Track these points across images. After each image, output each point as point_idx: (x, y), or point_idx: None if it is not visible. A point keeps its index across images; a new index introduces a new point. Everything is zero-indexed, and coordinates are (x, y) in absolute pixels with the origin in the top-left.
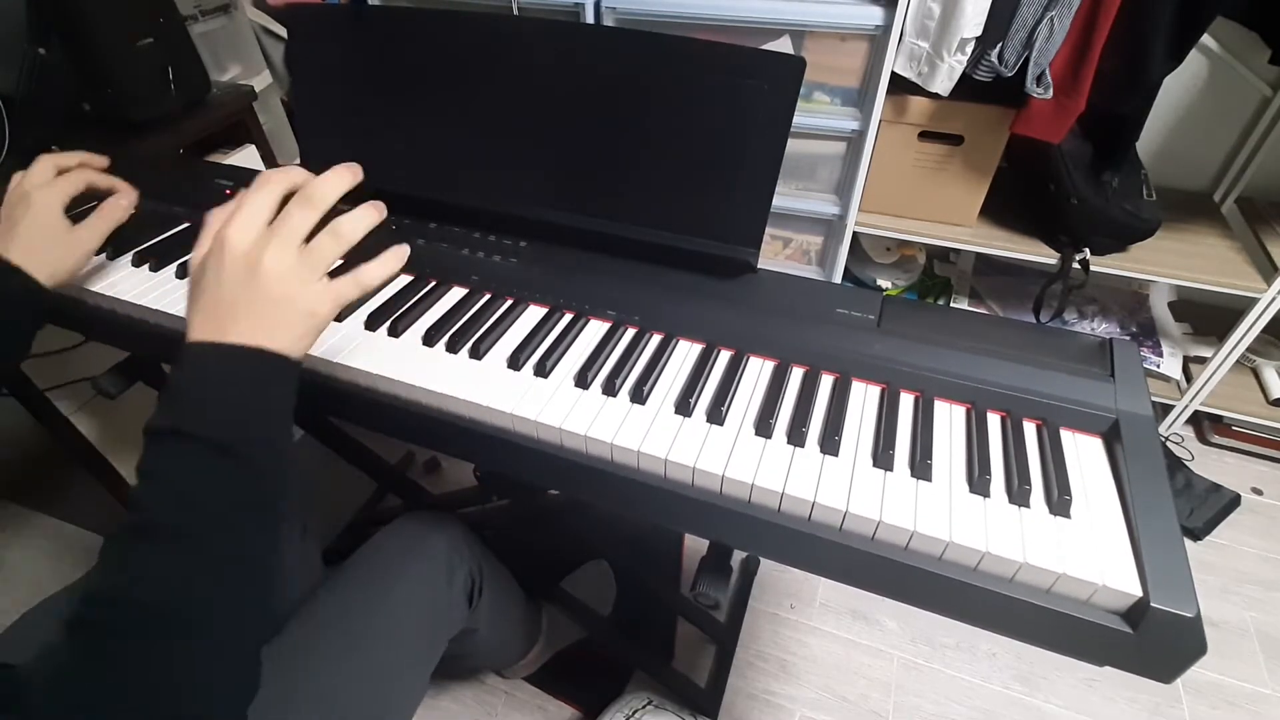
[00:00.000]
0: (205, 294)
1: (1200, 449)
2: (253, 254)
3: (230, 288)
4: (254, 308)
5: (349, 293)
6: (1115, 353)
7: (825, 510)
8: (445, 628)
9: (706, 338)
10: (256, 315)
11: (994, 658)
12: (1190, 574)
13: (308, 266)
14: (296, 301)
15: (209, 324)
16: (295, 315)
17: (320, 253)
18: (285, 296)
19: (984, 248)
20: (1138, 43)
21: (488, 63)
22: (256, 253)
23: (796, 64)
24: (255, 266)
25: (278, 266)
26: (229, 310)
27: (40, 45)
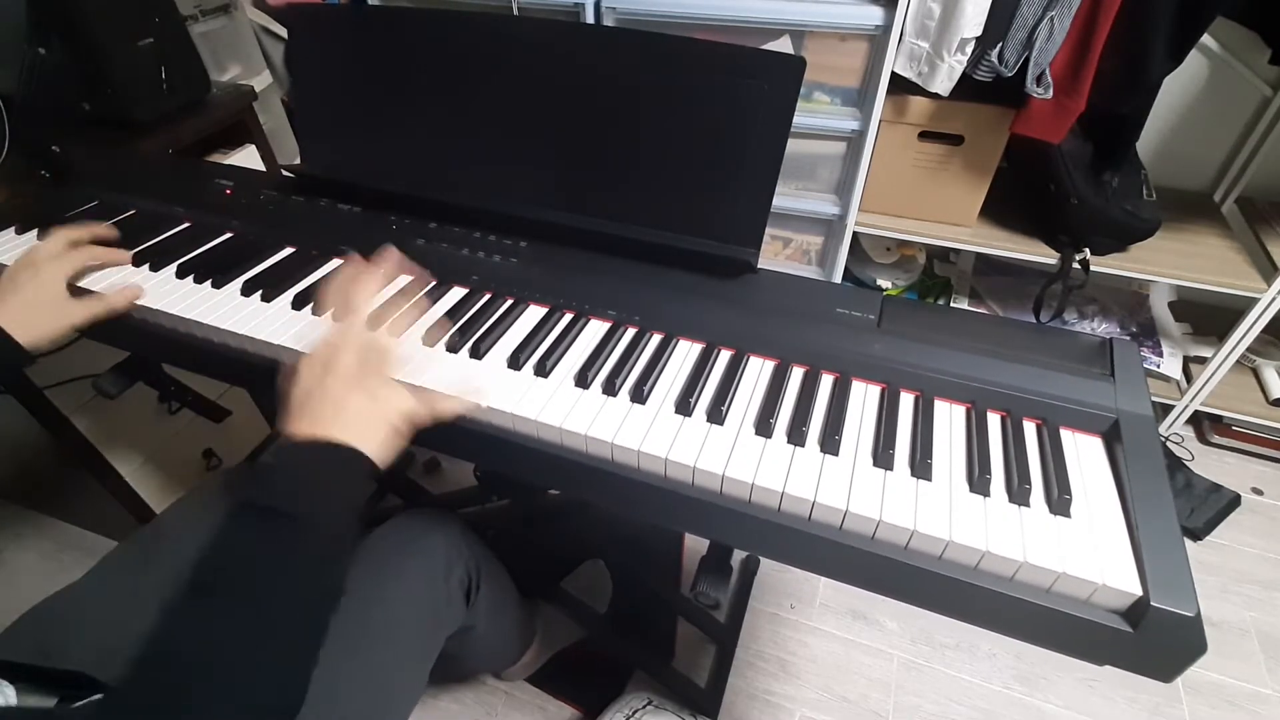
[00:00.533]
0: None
1: (1200, 449)
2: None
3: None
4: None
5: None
6: (1115, 353)
7: (825, 510)
8: (442, 625)
9: (707, 337)
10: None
11: (994, 658)
12: (1190, 573)
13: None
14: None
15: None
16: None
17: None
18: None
19: (984, 248)
20: (1138, 43)
21: (488, 63)
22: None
23: (796, 64)
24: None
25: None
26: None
27: (40, 45)
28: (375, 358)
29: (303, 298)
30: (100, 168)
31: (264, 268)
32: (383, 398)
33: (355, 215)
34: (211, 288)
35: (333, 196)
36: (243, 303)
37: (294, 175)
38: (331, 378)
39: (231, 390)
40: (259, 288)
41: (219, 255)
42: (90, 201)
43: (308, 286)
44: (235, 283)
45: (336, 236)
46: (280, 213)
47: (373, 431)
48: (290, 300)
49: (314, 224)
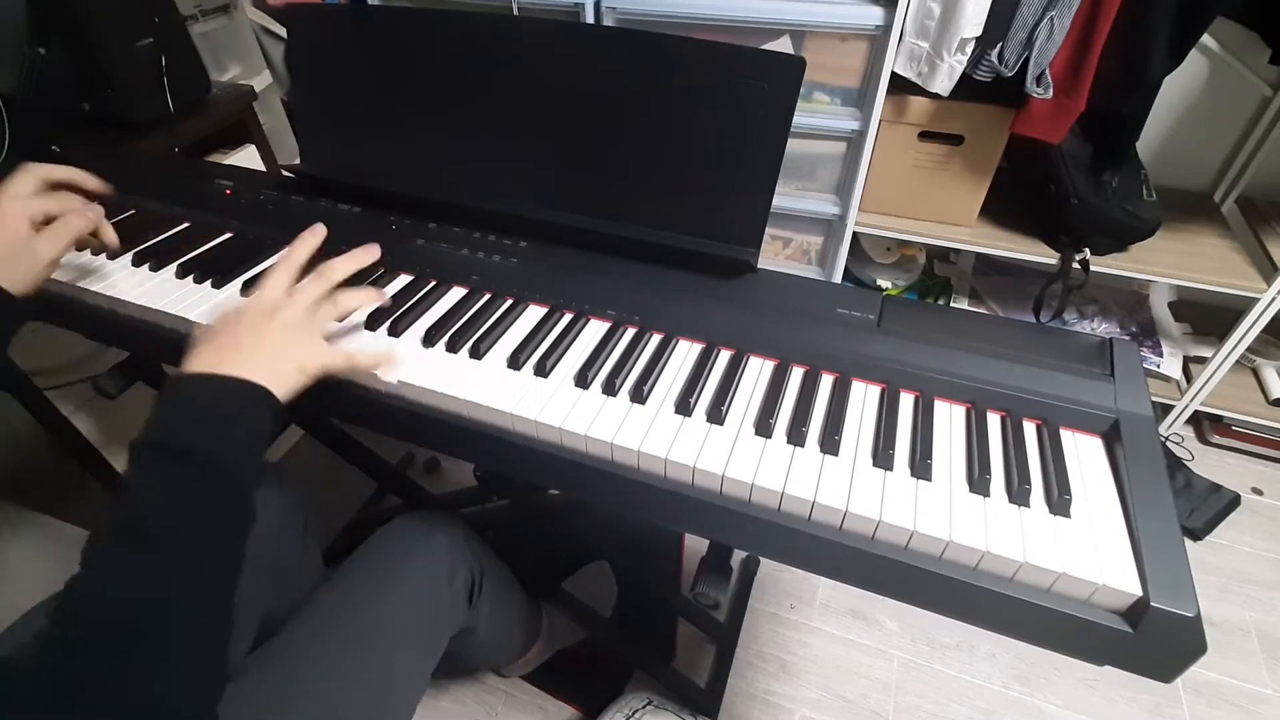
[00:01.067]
0: (215, 337)
1: (1200, 449)
2: (269, 310)
3: (242, 332)
4: (254, 350)
5: (336, 362)
6: (1115, 353)
7: (825, 510)
8: (445, 626)
9: (706, 337)
10: (254, 357)
11: (994, 658)
12: (1190, 573)
13: (309, 324)
14: (291, 352)
15: (208, 359)
16: (287, 363)
17: (319, 315)
18: (283, 345)
19: (984, 248)
20: (1138, 43)
21: (488, 63)
22: (273, 309)
23: (796, 64)
24: (270, 319)
25: (285, 320)
26: (232, 349)
27: (40, 45)
28: (326, 309)
29: None
30: (100, 168)
31: (264, 268)
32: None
33: (355, 215)
34: (211, 288)
35: (333, 196)
36: None
37: (294, 175)
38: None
39: None
40: None
41: (219, 255)
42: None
43: None
44: (235, 283)
45: (336, 237)
46: (280, 213)
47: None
48: None
49: (314, 224)
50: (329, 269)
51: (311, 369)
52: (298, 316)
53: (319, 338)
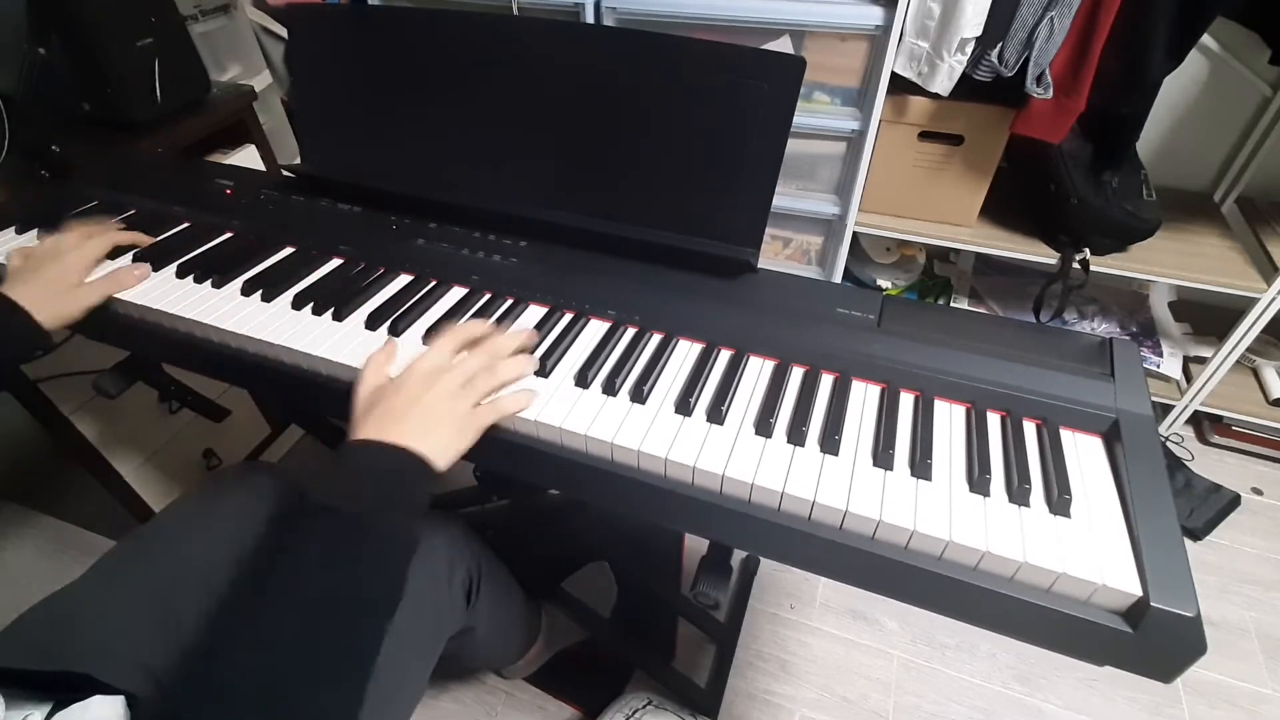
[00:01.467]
0: (378, 406)
1: (1200, 449)
2: (432, 376)
3: (405, 400)
4: (418, 418)
5: (488, 419)
6: (1115, 352)
7: (825, 510)
8: (443, 626)
9: (706, 337)
10: (417, 424)
11: (994, 658)
12: (1190, 574)
13: (466, 393)
14: (449, 420)
15: (374, 428)
16: (447, 432)
17: (479, 385)
18: (445, 414)
19: (984, 248)
20: (1138, 43)
21: (488, 63)
22: (434, 377)
23: (796, 64)
24: (429, 387)
25: (447, 390)
26: (397, 417)
27: (40, 45)
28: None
29: (302, 298)
30: (100, 168)
31: (264, 268)
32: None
33: (355, 215)
34: (211, 288)
35: (333, 196)
36: (243, 303)
37: (294, 175)
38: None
39: (231, 390)
40: (259, 287)
41: (219, 255)
42: (90, 201)
43: (307, 286)
44: (235, 283)
45: (336, 236)
46: (280, 213)
47: (438, 435)
48: (290, 300)
49: (314, 224)
50: (494, 345)
51: (469, 432)
52: (455, 385)
53: (474, 404)
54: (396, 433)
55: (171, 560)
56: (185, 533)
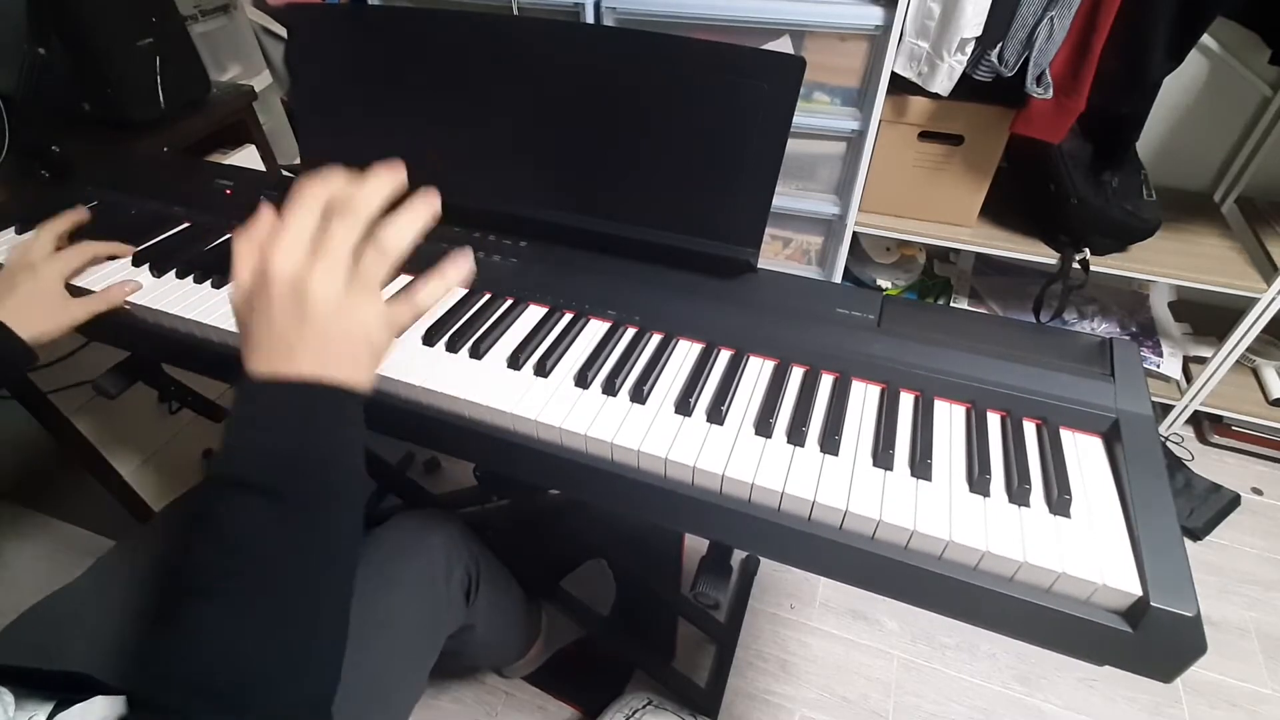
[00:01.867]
0: (256, 329)
1: (1200, 449)
2: (299, 282)
3: (280, 321)
4: (309, 341)
5: (405, 317)
6: (1115, 352)
7: (825, 510)
8: (442, 625)
9: (706, 337)
10: (312, 348)
11: (994, 658)
12: (1190, 573)
13: (359, 289)
14: (352, 330)
15: (264, 358)
16: (352, 345)
17: (369, 272)
18: (339, 326)
19: (984, 248)
20: (1138, 43)
21: (488, 63)
22: (303, 280)
23: (796, 64)
24: (304, 296)
25: (327, 293)
26: (283, 344)
27: (40, 45)
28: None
29: None
30: (100, 168)
31: None
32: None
33: None
34: (211, 288)
35: None
36: None
37: (294, 175)
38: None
39: (232, 390)
40: None
41: (219, 255)
42: (90, 202)
43: None
44: None
45: None
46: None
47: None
48: None
49: None
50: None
51: (382, 341)
52: (338, 282)
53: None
54: (292, 362)
55: (171, 560)
56: (185, 533)
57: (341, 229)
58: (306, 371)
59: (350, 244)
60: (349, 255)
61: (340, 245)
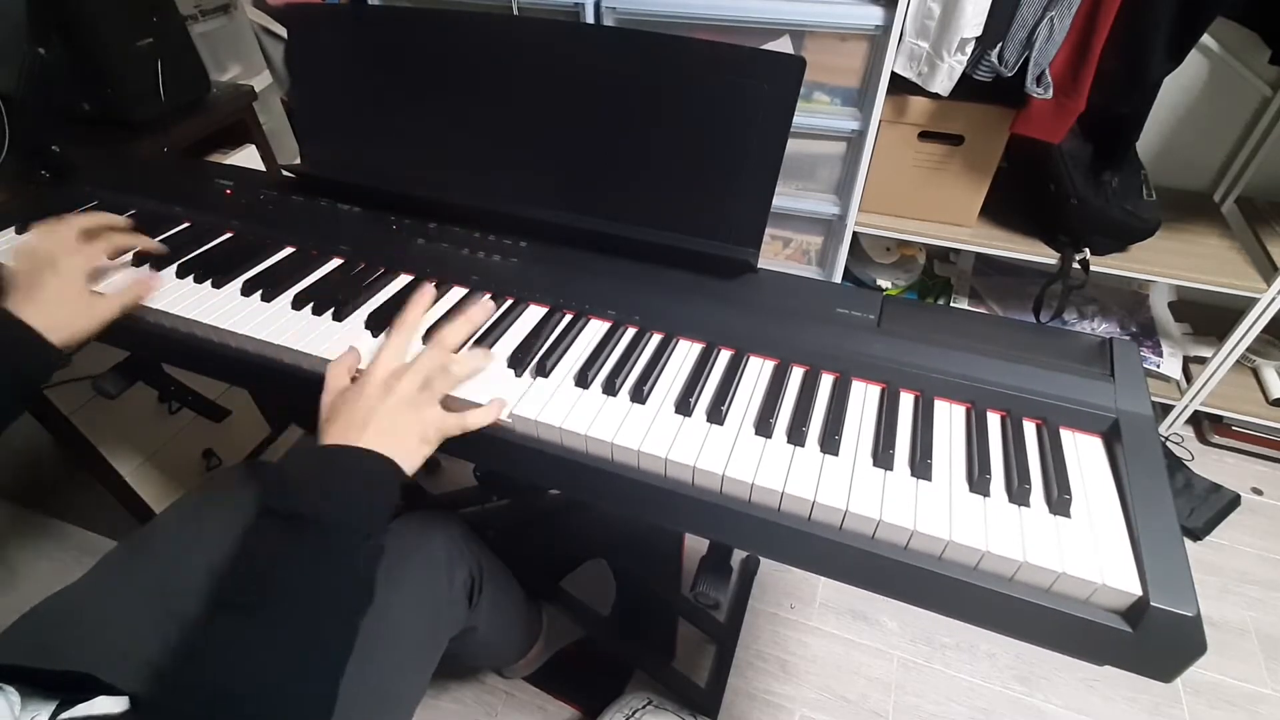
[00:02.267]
0: (343, 412)
1: (1200, 449)
2: (391, 381)
3: (365, 405)
4: (380, 423)
5: (452, 428)
6: (1115, 352)
7: (825, 509)
8: (445, 627)
9: (706, 337)
10: (381, 429)
11: (994, 658)
12: (1190, 573)
13: (426, 397)
14: (412, 426)
15: (339, 433)
16: (410, 435)
17: (437, 387)
18: (406, 418)
19: (984, 248)
20: (1138, 43)
21: (488, 63)
22: (394, 380)
23: (796, 64)
24: (391, 388)
25: (408, 391)
26: (360, 423)
27: (40, 45)
28: (440, 381)
29: (302, 298)
30: (100, 168)
31: (264, 268)
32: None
33: (355, 215)
34: (211, 288)
35: (333, 196)
36: (243, 303)
37: (294, 175)
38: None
39: (231, 390)
40: (259, 288)
41: (219, 255)
42: (90, 201)
43: (307, 286)
44: (235, 283)
45: (336, 236)
46: (280, 213)
47: (402, 440)
48: (290, 300)
49: (314, 224)
50: (444, 338)
51: (432, 438)
52: (414, 391)
53: (436, 407)
54: (360, 438)
55: (172, 560)
56: (185, 533)
57: (431, 355)
58: (370, 444)
59: (435, 366)
60: (430, 373)
61: (427, 364)
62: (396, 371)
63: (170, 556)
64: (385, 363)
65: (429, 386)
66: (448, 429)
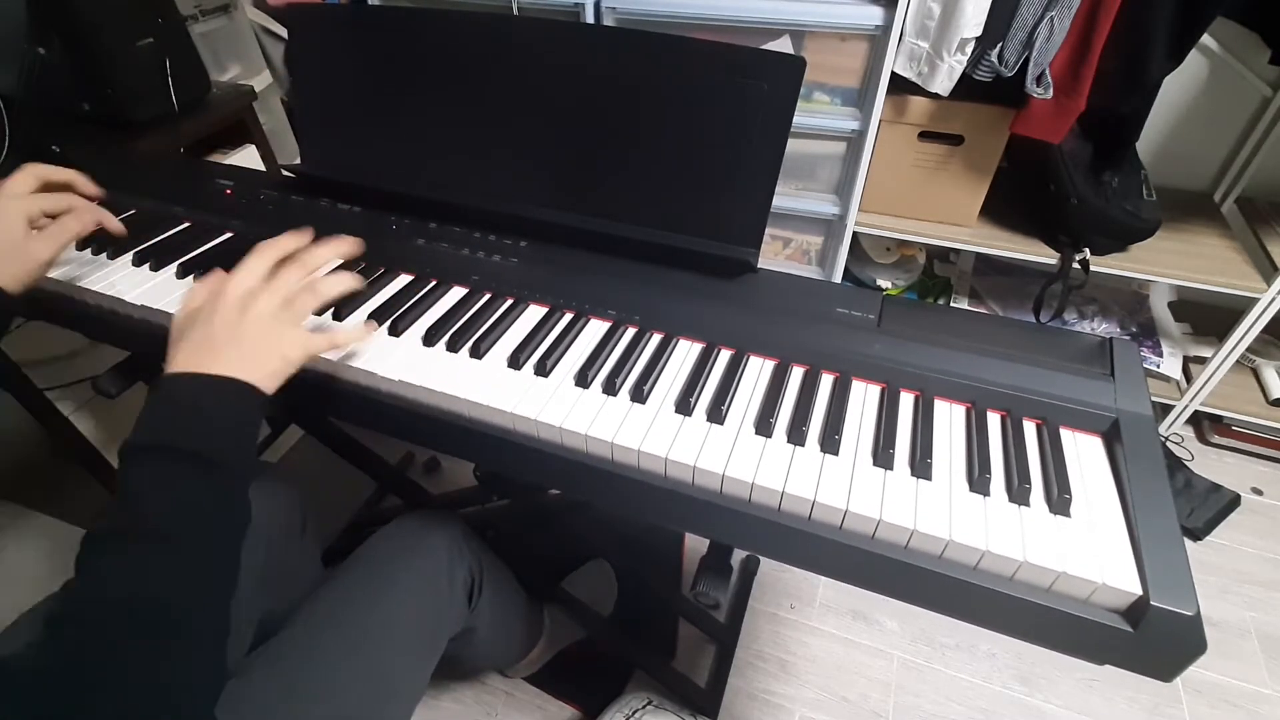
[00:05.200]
0: (193, 334)
1: (1200, 449)
2: (245, 301)
3: (219, 328)
4: (235, 346)
5: (319, 345)
6: (1115, 352)
7: (825, 509)
8: (445, 627)
9: (706, 337)
10: (236, 352)
11: (994, 658)
12: (1190, 573)
13: (288, 315)
14: (273, 344)
15: (191, 359)
16: (270, 356)
17: (300, 305)
18: (264, 338)
19: (984, 248)
20: (1138, 43)
21: (488, 63)
22: (248, 300)
23: (796, 64)
24: (245, 311)
25: (263, 312)
26: (212, 347)
27: (40, 45)
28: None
29: None
30: (100, 168)
31: None
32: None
33: (355, 215)
34: None
35: (333, 196)
36: None
37: (294, 175)
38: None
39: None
40: None
41: (219, 255)
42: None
43: None
44: None
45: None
46: (280, 213)
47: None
48: None
49: (314, 224)
50: (307, 255)
51: (295, 357)
52: (274, 307)
53: (299, 326)
54: (215, 363)
55: None
56: None
57: (289, 272)
58: (223, 371)
59: (293, 284)
60: (289, 292)
61: (285, 283)
62: (253, 289)
63: None
64: (241, 280)
65: (291, 305)
66: (314, 348)
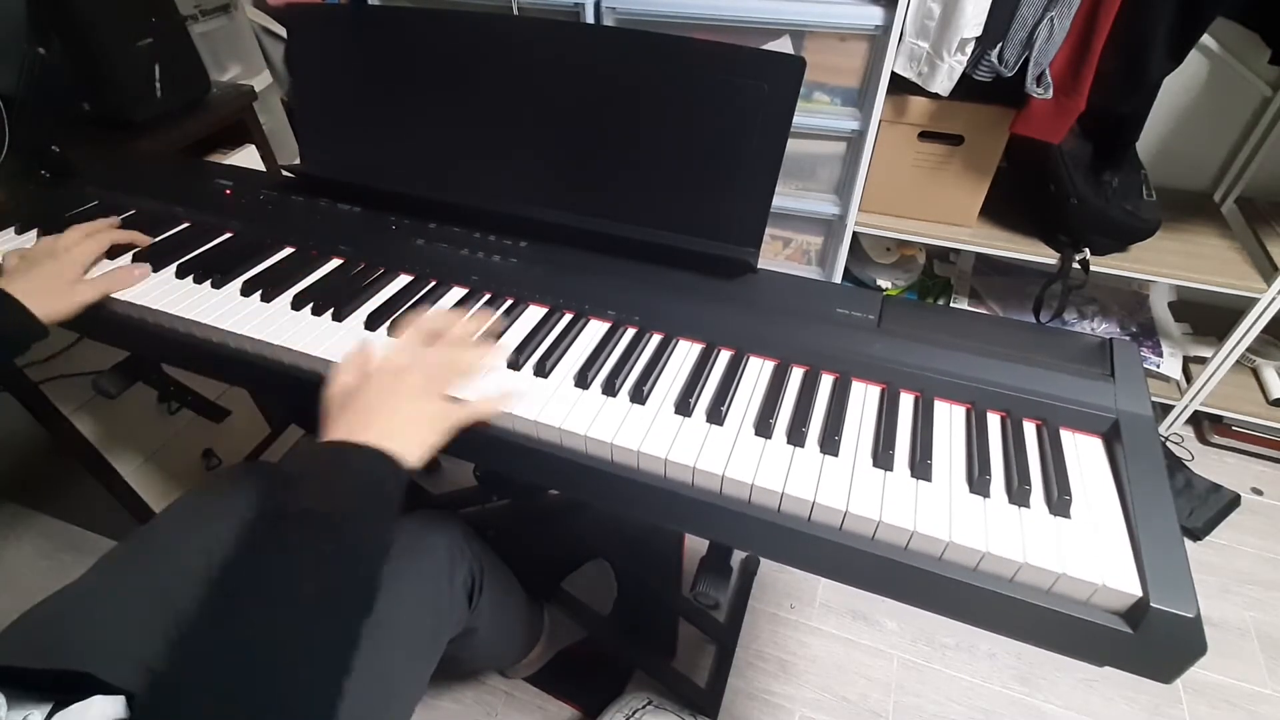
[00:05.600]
0: (345, 409)
1: (1200, 449)
2: (400, 373)
3: (371, 400)
4: (386, 418)
5: (462, 419)
6: (1115, 353)
7: (825, 510)
8: (446, 627)
9: (706, 338)
10: (386, 423)
11: (994, 658)
12: (1190, 574)
13: (435, 390)
14: (422, 418)
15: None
16: (416, 429)
17: (444, 382)
18: (413, 413)
19: (984, 248)
20: (1138, 43)
21: (488, 63)
22: (402, 372)
23: (796, 64)
24: (398, 382)
25: (415, 383)
26: (365, 418)
27: (40, 45)
28: (449, 375)
29: (302, 298)
30: (100, 168)
31: (264, 268)
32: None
33: (355, 215)
34: (211, 288)
35: (333, 196)
36: (243, 303)
37: (294, 175)
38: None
39: (231, 390)
40: (259, 288)
41: (219, 255)
42: (90, 201)
43: (307, 286)
44: (235, 283)
45: (336, 236)
46: (280, 213)
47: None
48: (290, 300)
49: (314, 224)
50: (456, 336)
51: (441, 430)
52: (422, 384)
53: (444, 399)
54: (365, 433)
55: (171, 560)
56: (185, 533)
57: (439, 349)
58: (373, 441)
59: (442, 359)
60: (440, 367)
61: (434, 358)
62: (404, 366)
63: (170, 556)
64: (394, 357)
65: (436, 380)
66: (457, 420)
